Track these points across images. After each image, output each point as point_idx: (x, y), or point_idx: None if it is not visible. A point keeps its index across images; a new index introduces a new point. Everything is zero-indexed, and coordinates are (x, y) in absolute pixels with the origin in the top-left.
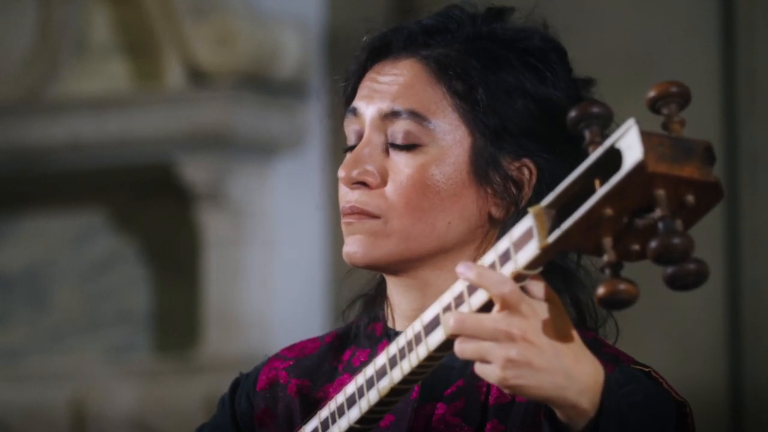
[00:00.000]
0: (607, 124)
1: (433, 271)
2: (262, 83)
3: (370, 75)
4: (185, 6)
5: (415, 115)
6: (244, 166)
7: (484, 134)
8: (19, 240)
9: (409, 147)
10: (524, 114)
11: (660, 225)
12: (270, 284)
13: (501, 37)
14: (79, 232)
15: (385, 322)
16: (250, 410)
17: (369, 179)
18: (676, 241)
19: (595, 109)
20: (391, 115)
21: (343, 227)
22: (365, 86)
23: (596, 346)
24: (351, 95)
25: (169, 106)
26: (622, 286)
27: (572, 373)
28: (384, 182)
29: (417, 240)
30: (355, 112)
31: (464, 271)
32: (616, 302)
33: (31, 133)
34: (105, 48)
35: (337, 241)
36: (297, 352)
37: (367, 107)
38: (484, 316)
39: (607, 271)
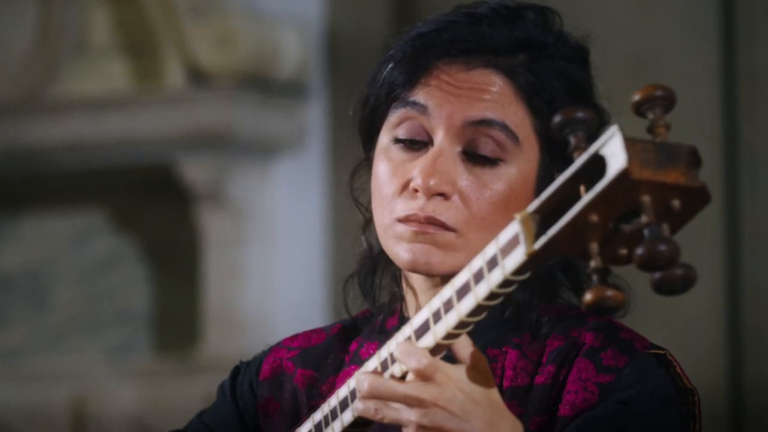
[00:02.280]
0: (592, 129)
1: None
2: (262, 83)
3: (440, 74)
4: (185, 6)
5: (507, 130)
6: (244, 166)
7: (551, 152)
8: (19, 240)
9: (494, 161)
10: None
11: (646, 231)
12: (270, 284)
13: (566, 51)
14: (79, 232)
15: (402, 313)
16: (254, 399)
17: (448, 190)
18: (662, 248)
19: (580, 114)
20: (480, 124)
21: (406, 233)
22: (436, 85)
23: (612, 330)
24: (403, 82)
25: (169, 106)
26: (609, 293)
27: None
28: (461, 192)
29: (479, 251)
30: (423, 108)
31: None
32: (603, 308)
33: (31, 133)
34: (105, 48)
35: (338, 240)
36: (302, 341)
37: (443, 109)
38: (396, 384)
39: (595, 277)
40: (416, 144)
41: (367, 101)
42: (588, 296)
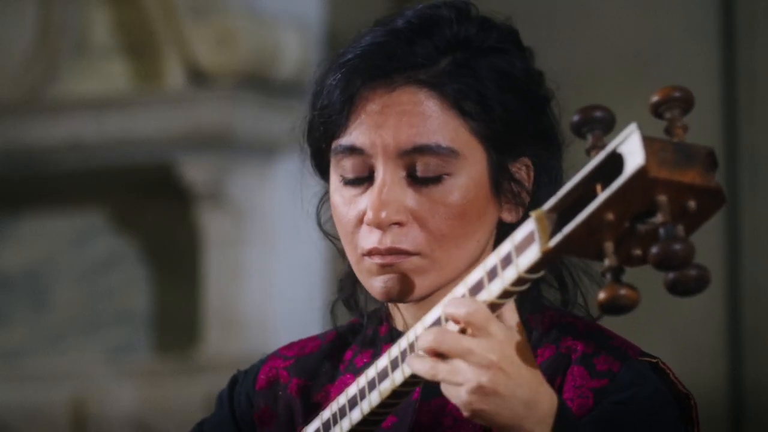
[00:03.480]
0: (609, 128)
1: (448, 287)
2: (262, 83)
3: (366, 104)
4: (185, 6)
5: (441, 149)
6: (244, 166)
7: (497, 147)
8: (19, 240)
9: (438, 178)
10: (522, 116)
11: (661, 231)
12: (270, 284)
13: (493, 39)
14: (79, 232)
15: (390, 323)
16: (250, 409)
17: (401, 218)
18: (677, 247)
19: (598, 113)
20: (414, 152)
21: (373, 267)
22: (365, 117)
23: (603, 338)
24: (337, 123)
25: (169, 106)
26: (623, 291)
27: (531, 403)
28: (414, 215)
29: (453, 266)
30: (358, 150)
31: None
32: (616, 307)
33: (31, 133)
34: (105, 48)
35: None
36: (297, 351)
37: (376, 145)
38: (463, 336)
39: (608, 276)
40: (360, 178)
41: (312, 138)
42: (602, 295)
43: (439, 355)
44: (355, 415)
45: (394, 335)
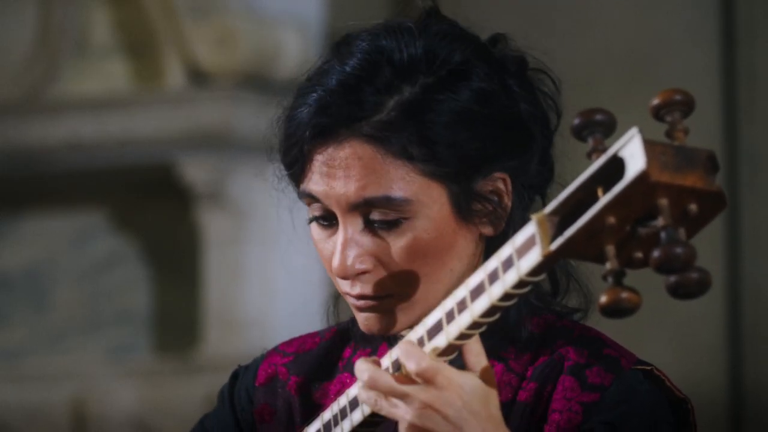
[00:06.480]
0: (610, 131)
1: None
2: (262, 83)
3: (318, 158)
4: (185, 6)
5: (392, 200)
6: (244, 166)
7: (455, 179)
8: (19, 240)
9: (396, 223)
10: (481, 139)
11: (662, 234)
12: (270, 284)
13: (429, 70)
14: (79, 232)
15: None
16: (250, 405)
17: (366, 267)
18: (679, 250)
19: (599, 117)
20: (365, 204)
21: (354, 305)
22: (317, 171)
23: (598, 345)
24: (296, 173)
25: (169, 106)
26: (625, 295)
27: None
28: (379, 260)
29: (432, 298)
30: (315, 198)
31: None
32: (618, 311)
33: (31, 133)
34: (105, 48)
35: None
36: (296, 347)
37: (330, 197)
38: (394, 380)
39: (610, 279)
40: (328, 218)
41: (282, 175)
42: (603, 298)
43: None
44: (356, 416)
45: (390, 336)
